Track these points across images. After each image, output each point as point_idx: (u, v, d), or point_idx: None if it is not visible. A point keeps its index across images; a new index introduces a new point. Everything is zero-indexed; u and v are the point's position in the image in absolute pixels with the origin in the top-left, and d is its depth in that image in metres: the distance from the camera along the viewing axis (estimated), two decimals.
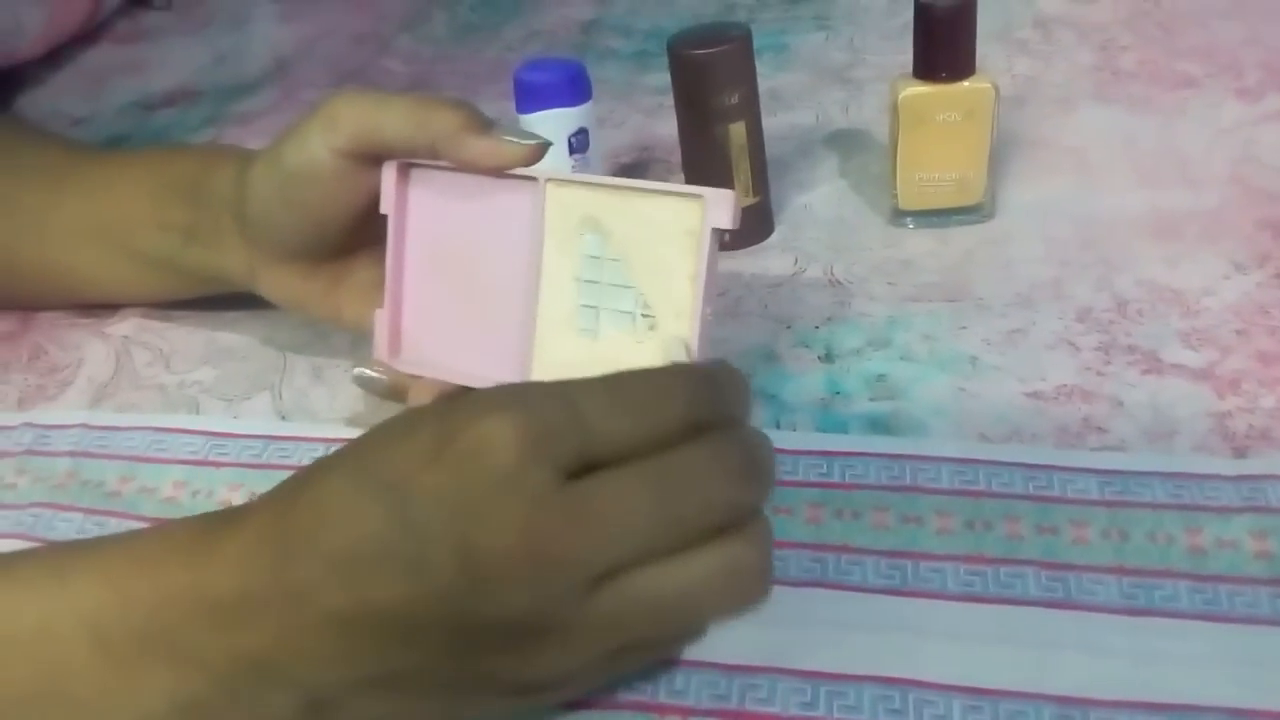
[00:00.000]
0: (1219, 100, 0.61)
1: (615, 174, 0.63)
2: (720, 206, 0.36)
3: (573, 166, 0.53)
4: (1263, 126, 0.58)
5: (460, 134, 0.39)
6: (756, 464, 0.31)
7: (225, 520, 0.32)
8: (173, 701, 0.29)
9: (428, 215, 0.43)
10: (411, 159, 0.42)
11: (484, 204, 0.41)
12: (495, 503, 0.27)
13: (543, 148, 0.40)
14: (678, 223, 0.37)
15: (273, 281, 0.47)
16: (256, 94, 0.81)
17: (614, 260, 0.39)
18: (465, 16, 0.90)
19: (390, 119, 0.40)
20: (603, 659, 0.30)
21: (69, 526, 0.44)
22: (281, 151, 0.42)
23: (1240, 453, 0.40)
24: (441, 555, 0.27)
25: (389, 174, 0.42)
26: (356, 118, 0.40)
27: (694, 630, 0.33)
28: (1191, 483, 0.39)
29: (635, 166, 0.64)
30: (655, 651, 0.34)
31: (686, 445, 0.29)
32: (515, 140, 0.39)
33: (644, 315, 0.39)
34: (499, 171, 0.40)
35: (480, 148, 0.39)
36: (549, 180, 0.40)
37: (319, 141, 0.41)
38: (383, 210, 0.43)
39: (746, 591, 0.31)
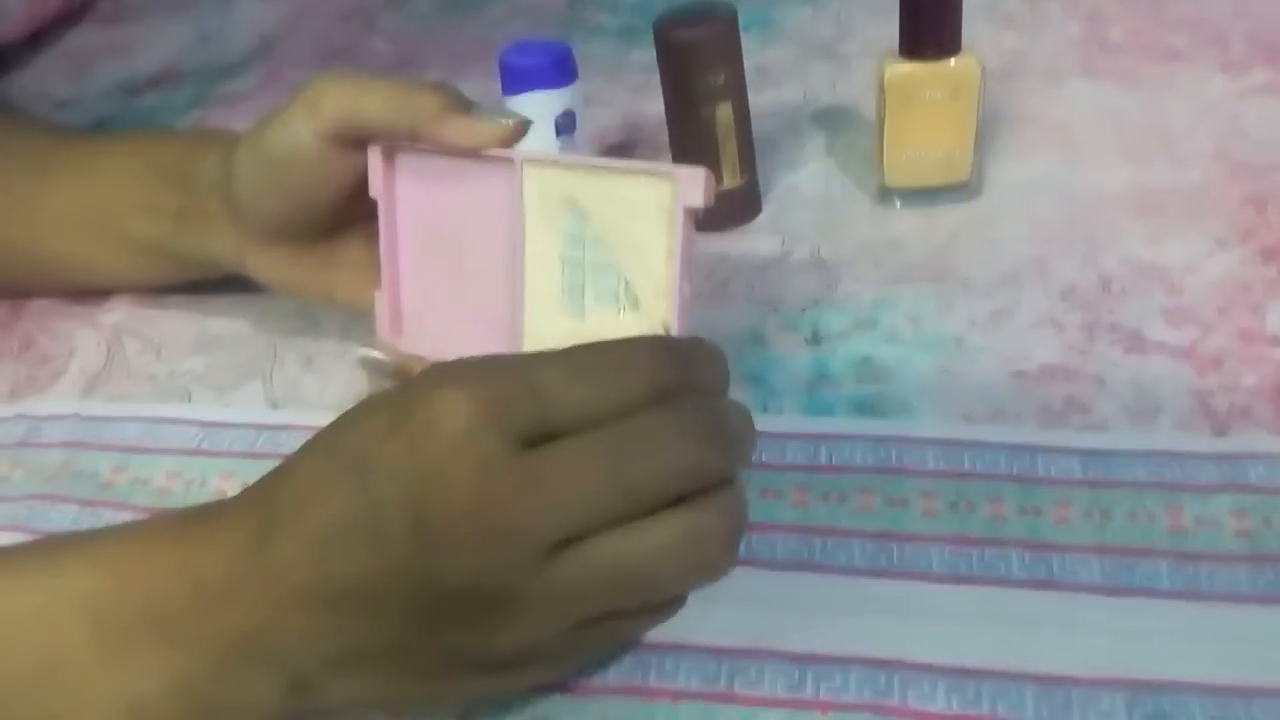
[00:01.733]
0: (1205, 74, 0.61)
1: (603, 154, 0.62)
2: (692, 185, 0.36)
3: (559, 149, 0.53)
4: (1248, 100, 0.58)
5: (440, 116, 0.39)
6: (722, 430, 0.30)
7: (216, 506, 0.33)
8: (165, 682, 0.30)
9: (416, 198, 0.43)
10: (395, 142, 0.42)
11: (468, 186, 0.41)
12: (447, 470, 0.28)
13: (522, 126, 0.39)
14: (652, 201, 0.37)
15: (262, 264, 0.47)
16: (242, 75, 0.80)
17: (595, 239, 0.39)
18: None
19: (372, 102, 0.40)
20: (569, 632, 0.30)
21: (63, 518, 0.44)
22: (264, 136, 0.42)
23: (1221, 431, 0.40)
24: (396, 524, 0.28)
25: (375, 158, 0.42)
26: (338, 101, 0.40)
27: (662, 601, 0.32)
28: (1173, 461, 0.39)
29: (623, 146, 0.64)
30: (626, 626, 0.33)
31: (645, 411, 0.29)
32: (494, 120, 0.39)
33: (626, 294, 0.39)
34: (478, 152, 0.40)
35: (459, 128, 0.39)
36: (526, 161, 0.40)
37: (301, 126, 0.41)
38: (371, 194, 0.43)
39: (708, 560, 0.30)
